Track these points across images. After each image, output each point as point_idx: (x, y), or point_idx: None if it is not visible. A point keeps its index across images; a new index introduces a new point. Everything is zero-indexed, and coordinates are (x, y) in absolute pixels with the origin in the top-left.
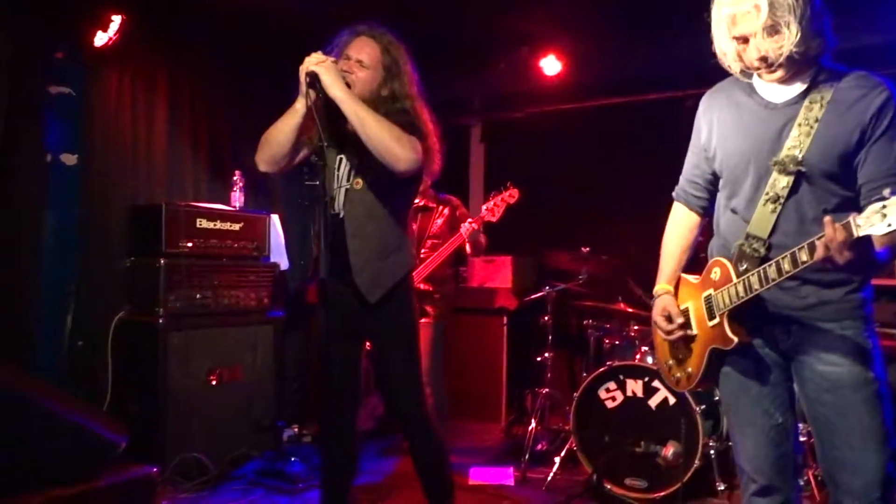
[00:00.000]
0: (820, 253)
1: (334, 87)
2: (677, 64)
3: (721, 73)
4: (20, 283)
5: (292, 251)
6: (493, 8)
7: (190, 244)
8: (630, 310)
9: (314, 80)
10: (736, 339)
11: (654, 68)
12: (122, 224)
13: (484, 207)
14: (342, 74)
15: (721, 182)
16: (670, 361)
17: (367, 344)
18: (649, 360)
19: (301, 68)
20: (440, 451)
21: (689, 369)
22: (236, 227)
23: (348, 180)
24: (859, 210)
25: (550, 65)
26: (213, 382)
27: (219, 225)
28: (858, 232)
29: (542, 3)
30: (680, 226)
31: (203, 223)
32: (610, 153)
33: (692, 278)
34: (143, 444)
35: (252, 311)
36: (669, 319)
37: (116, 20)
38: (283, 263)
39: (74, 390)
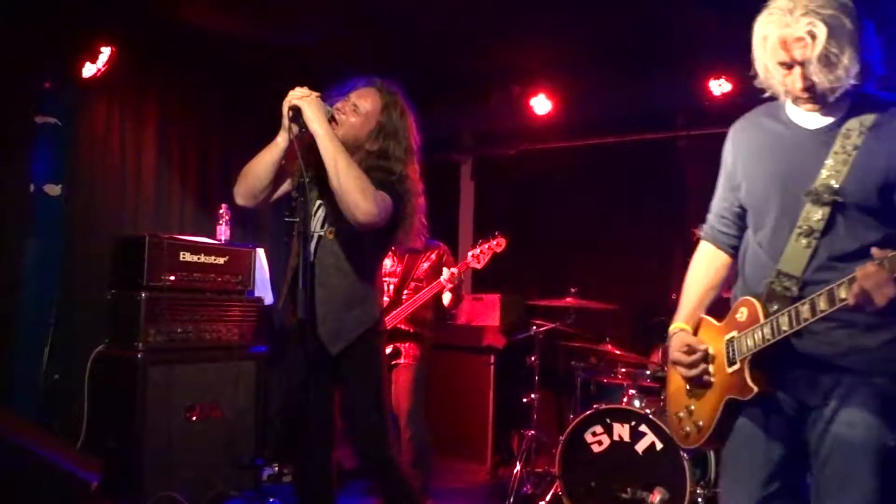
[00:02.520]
0: (856, 289)
1: (315, 122)
2: (669, 104)
3: (715, 115)
4: None
5: (278, 285)
6: (486, 45)
7: (172, 277)
8: (618, 351)
9: (297, 114)
10: (756, 389)
11: (646, 108)
12: (106, 256)
13: (470, 254)
14: (330, 112)
15: (748, 215)
16: (681, 413)
17: None
18: (636, 403)
19: (284, 101)
20: (411, 499)
21: (700, 422)
22: (220, 260)
23: (322, 227)
24: None
25: (541, 104)
26: (193, 419)
27: (202, 258)
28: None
29: (533, 42)
30: (704, 263)
31: (186, 256)
32: (601, 192)
33: (715, 321)
34: (120, 481)
35: (234, 347)
36: (690, 352)
37: (106, 51)
38: (268, 298)
39: (50, 424)
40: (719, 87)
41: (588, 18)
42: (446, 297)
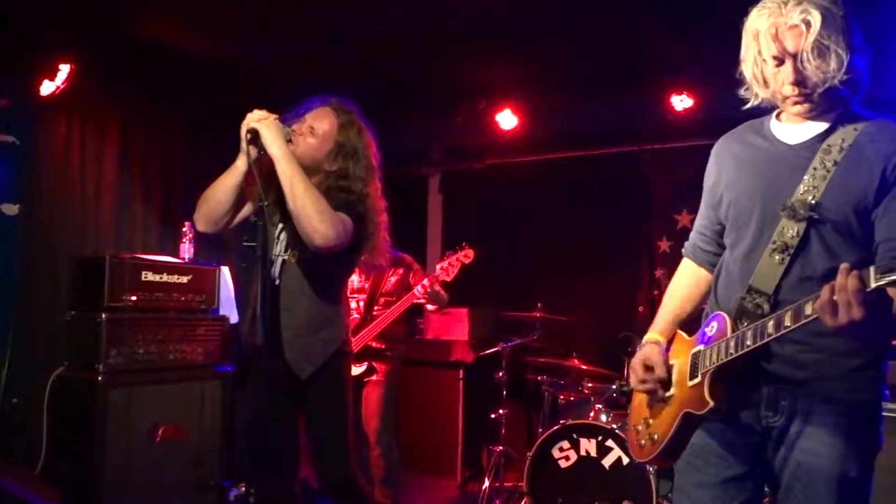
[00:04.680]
0: (822, 301)
1: (273, 145)
2: (633, 119)
3: (678, 129)
4: None
5: (242, 305)
6: (453, 62)
7: (134, 298)
8: (584, 366)
9: (255, 136)
10: (711, 403)
11: (611, 123)
12: (66, 276)
13: (438, 266)
14: (289, 134)
15: (726, 232)
16: (640, 426)
17: None
18: (603, 417)
19: (242, 124)
20: None
21: (655, 435)
22: (184, 279)
23: (285, 251)
24: None
25: (507, 119)
26: (157, 440)
27: (165, 277)
28: (874, 282)
29: (500, 59)
30: (683, 278)
31: (149, 276)
32: (567, 206)
33: (686, 335)
34: None
35: (199, 366)
36: (648, 369)
37: (65, 69)
38: (234, 317)
39: (8, 449)
40: (681, 102)
41: (553, 37)
42: (430, 306)
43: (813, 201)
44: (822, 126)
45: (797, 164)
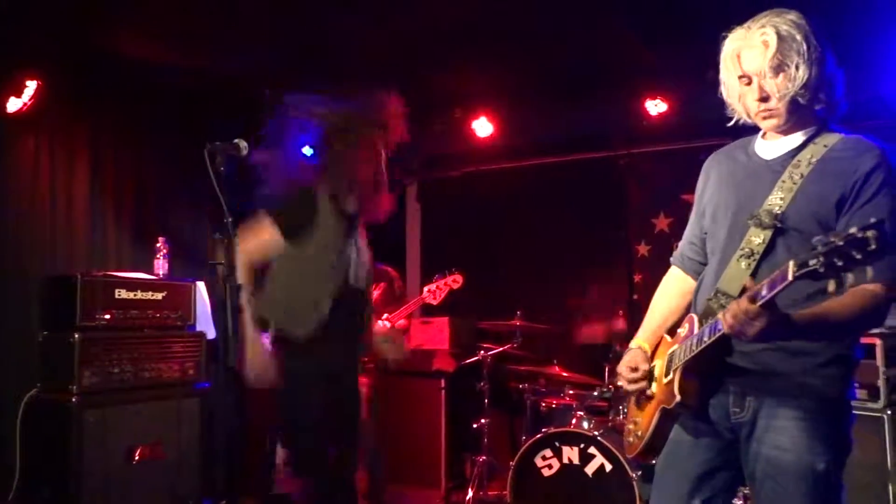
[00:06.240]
0: (727, 320)
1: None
2: (608, 124)
3: (652, 134)
4: None
5: (221, 318)
6: (428, 70)
7: (108, 316)
8: (565, 374)
9: (213, 156)
10: (678, 398)
11: (586, 129)
12: (37, 296)
13: (426, 289)
14: None
15: (707, 241)
16: (630, 425)
17: None
18: (585, 424)
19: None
20: None
21: (640, 432)
22: (159, 296)
23: None
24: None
25: (483, 126)
26: (134, 461)
27: (139, 294)
28: (791, 275)
29: (474, 68)
30: (669, 287)
31: (122, 293)
32: (545, 212)
33: (669, 338)
34: None
35: (176, 384)
36: (633, 371)
37: (31, 85)
38: (210, 332)
39: None
40: (655, 107)
41: (527, 44)
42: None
43: (779, 211)
44: (796, 142)
45: (770, 178)
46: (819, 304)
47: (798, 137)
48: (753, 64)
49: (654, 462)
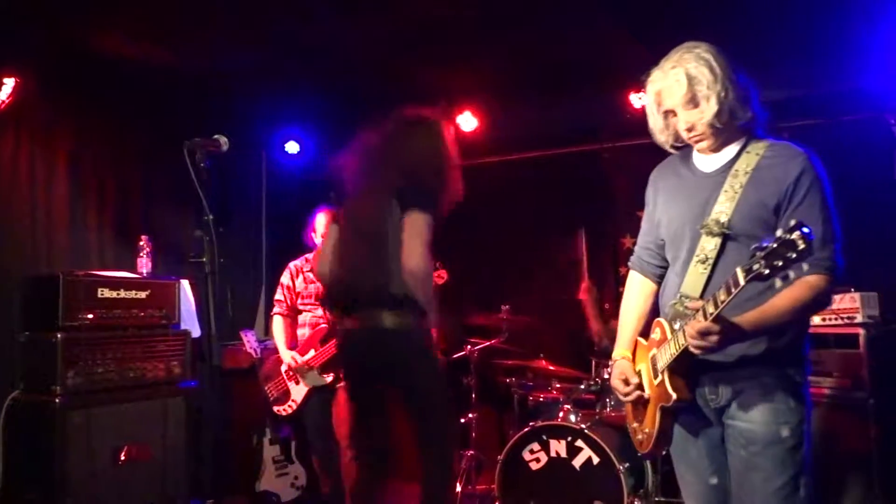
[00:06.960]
0: (688, 340)
1: None
2: (593, 118)
3: (637, 127)
4: None
5: (205, 316)
6: (412, 64)
7: (91, 316)
8: (552, 367)
9: (192, 152)
10: (675, 396)
11: (571, 122)
12: (18, 296)
13: None
14: None
15: (666, 249)
16: (634, 424)
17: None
18: (572, 417)
19: None
20: None
21: (647, 429)
22: (142, 294)
23: None
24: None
25: (467, 121)
26: (120, 461)
27: (123, 294)
28: (742, 280)
29: (457, 60)
30: (635, 292)
31: (105, 293)
32: (531, 206)
33: (644, 341)
34: None
35: (161, 383)
36: (626, 383)
37: (9, 82)
38: (195, 330)
39: None
40: (639, 99)
41: (511, 38)
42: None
43: (725, 219)
44: (730, 154)
45: (713, 189)
46: (766, 301)
47: (732, 150)
48: (672, 101)
49: (664, 452)
